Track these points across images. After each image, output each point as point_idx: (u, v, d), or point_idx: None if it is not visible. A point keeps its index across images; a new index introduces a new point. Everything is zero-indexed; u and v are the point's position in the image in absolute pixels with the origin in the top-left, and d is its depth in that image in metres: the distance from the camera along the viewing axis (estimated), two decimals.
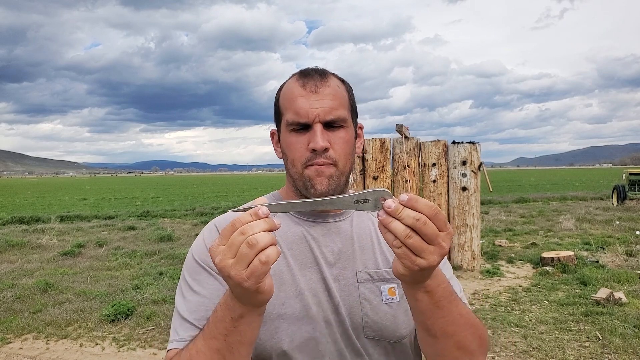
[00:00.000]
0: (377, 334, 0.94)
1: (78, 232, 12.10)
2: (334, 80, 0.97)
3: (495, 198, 19.35)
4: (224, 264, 0.67)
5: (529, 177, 54.43)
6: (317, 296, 0.95)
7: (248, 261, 0.65)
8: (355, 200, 0.69)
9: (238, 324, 0.75)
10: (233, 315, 0.74)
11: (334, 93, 0.94)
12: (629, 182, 16.17)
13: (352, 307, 0.95)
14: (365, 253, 1.00)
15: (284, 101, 0.97)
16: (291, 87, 0.96)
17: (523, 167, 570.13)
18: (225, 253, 0.67)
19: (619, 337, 4.32)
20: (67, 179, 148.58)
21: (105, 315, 5.18)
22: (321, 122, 0.92)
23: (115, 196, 31.23)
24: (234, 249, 0.66)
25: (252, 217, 0.67)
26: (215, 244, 0.69)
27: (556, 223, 11.87)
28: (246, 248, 0.65)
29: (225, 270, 0.67)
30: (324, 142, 0.90)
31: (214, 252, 0.68)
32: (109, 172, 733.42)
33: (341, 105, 0.95)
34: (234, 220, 0.67)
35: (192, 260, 0.98)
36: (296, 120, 0.93)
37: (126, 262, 8.16)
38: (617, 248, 8.04)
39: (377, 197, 0.68)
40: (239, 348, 0.77)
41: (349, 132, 0.97)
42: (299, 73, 0.98)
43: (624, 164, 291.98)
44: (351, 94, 1.01)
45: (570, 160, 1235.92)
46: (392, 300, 0.96)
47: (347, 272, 0.97)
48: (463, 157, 6.95)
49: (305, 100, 0.92)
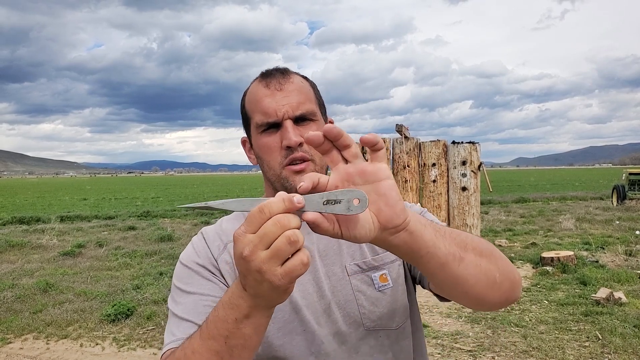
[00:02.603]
0: (377, 324, 0.93)
1: (78, 232, 12.10)
2: (296, 77, 0.97)
3: (495, 198, 19.34)
4: (254, 257, 0.57)
5: (529, 177, 54.42)
6: (306, 298, 0.93)
7: (285, 258, 0.57)
8: (324, 200, 0.61)
9: (242, 326, 0.66)
10: (238, 315, 0.65)
11: (298, 88, 0.94)
12: (628, 182, 16.17)
13: (347, 302, 0.94)
14: (351, 245, 0.98)
15: (250, 105, 0.96)
16: (255, 90, 0.95)
17: (523, 167, 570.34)
18: (257, 244, 0.57)
19: (618, 336, 4.33)
20: (67, 179, 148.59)
21: (105, 315, 5.18)
22: (291, 118, 0.91)
23: (116, 196, 31.23)
24: (268, 240, 0.57)
25: (285, 204, 0.57)
26: (241, 230, 0.59)
27: (556, 223, 11.87)
28: (285, 243, 0.56)
29: (253, 264, 0.58)
30: (297, 137, 0.89)
31: (241, 240, 0.58)
32: (109, 172, 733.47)
33: (308, 100, 0.94)
34: (262, 206, 0.58)
35: (180, 267, 0.96)
36: (265, 121, 0.92)
37: (126, 262, 8.17)
38: (617, 248, 8.04)
39: (349, 198, 0.60)
40: (240, 353, 0.68)
41: (320, 125, 0.95)
42: (260, 75, 0.98)
43: (623, 164, 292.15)
44: (316, 89, 1.01)
45: (569, 160, 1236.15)
46: (385, 287, 0.95)
47: (336, 267, 0.96)
48: (463, 157, 6.96)
49: (271, 99, 0.91)
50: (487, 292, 0.75)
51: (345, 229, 0.62)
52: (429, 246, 0.67)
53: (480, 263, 0.73)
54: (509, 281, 0.78)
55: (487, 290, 0.75)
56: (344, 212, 0.60)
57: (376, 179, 0.62)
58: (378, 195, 0.62)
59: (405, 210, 0.63)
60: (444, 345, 4.38)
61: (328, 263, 0.96)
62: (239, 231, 0.59)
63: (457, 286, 0.73)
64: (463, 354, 4.19)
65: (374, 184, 0.62)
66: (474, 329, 4.77)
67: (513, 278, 0.79)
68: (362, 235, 0.62)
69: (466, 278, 0.72)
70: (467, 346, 4.36)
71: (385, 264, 0.98)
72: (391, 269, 0.98)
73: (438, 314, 5.24)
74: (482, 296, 0.75)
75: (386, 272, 0.97)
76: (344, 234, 0.62)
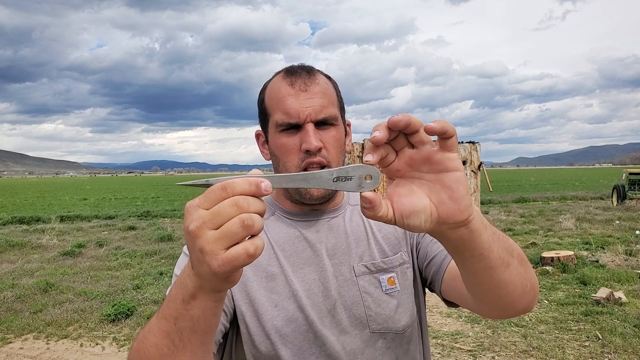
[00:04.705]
0: (383, 327, 0.93)
1: (78, 232, 12.11)
2: (322, 78, 0.94)
3: (495, 198, 19.35)
4: (200, 233, 0.52)
5: (529, 177, 54.42)
6: (311, 297, 0.92)
7: (232, 242, 0.52)
8: (335, 177, 0.57)
9: (189, 308, 0.60)
10: (184, 295, 0.60)
11: (323, 91, 0.92)
12: (628, 182, 16.18)
13: (354, 302, 0.93)
14: (360, 245, 0.97)
15: (271, 101, 0.94)
16: (278, 86, 0.93)
17: (523, 167, 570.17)
18: (206, 221, 0.52)
19: (618, 336, 4.33)
20: (68, 179, 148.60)
21: (105, 315, 5.18)
22: (313, 121, 0.89)
23: (116, 196, 31.23)
24: (220, 220, 0.51)
25: (250, 187, 0.52)
26: (195, 203, 0.54)
27: (556, 223, 11.87)
28: (238, 226, 0.51)
29: (198, 241, 0.52)
30: (317, 142, 0.88)
31: (191, 213, 0.53)
32: (110, 172, 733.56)
33: (331, 103, 0.92)
34: (225, 184, 0.52)
35: (182, 256, 0.94)
36: (286, 121, 0.90)
37: (126, 262, 8.17)
38: (617, 248, 8.04)
39: (361, 175, 0.57)
40: (190, 337, 0.62)
41: (340, 130, 0.94)
42: (285, 71, 0.95)
43: (623, 164, 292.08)
44: (338, 90, 0.99)
45: (570, 160, 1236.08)
46: (392, 290, 0.94)
47: (344, 267, 0.95)
48: (463, 157, 6.96)
49: (295, 99, 0.89)
50: (518, 299, 0.73)
51: (399, 215, 0.57)
52: (484, 248, 0.63)
53: (521, 271, 0.71)
54: (534, 290, 0.77)
55: (519, 297, 0.73)
56: (354, 189, 0.57)
57: (443, 168, 0.56)
58: (443, 187, 0.56)
59: (470, 206, 0.58)
60: (444, 345, 4.38)
61: (336, 263, 0.95)
62: (192, 203, 0.54)
63: (496, 290, 0.70)
64: (463, 354, 4.19)
65: (439, 174, 0.56)
66: (474, 329, 4.77)
67: (537, 287, 0.79)
68: (415, 225, 0.57)
69: (507, 284, 0.69)
70: (467, 346, 4.36)
71: (394, 266, 0.97)
72: (400, 273, 0.97)
73: (438, 314, 5.24)
74: (513, 303, 0.74)
75: (394, 275, 0.96)
76: (397, 220, 0.57)
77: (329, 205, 1.01)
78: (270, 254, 0.95)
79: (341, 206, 1.02)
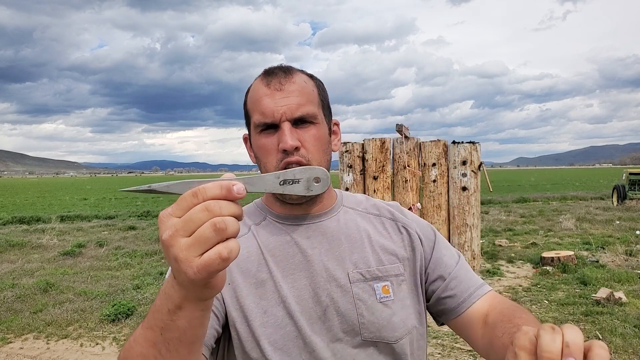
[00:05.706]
0: (375, 335, 0.91)
1: (78, 232, 12.10)
2: (299, 76, 0.93)
3: (495, 198, 19.34)
4: (173, 242, 0.52)
5: (529, 177, 54.40)
6: (300, 303, 0.90)
7: (206, 248, 0.51)
8: (281, 180, 0.56)
9: (175, 318, 0.59)
10: (170, 306, 0.59)
11: (299, 89, 0.90)
12: (629, 182, 16.17)
13: (347, 309, 0.91)
14: (356, 252, 0.95)
15: (251, 103, 0.94)
16: (257, 88, 0.93)
17: (523, 167, 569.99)
18: (179, 229, 0.51)
19: (619, 336, 4.32)
20: (68, 179, 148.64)
21: (105, 315, 5.18)
22: (289, 120, 0.88)
23: (116, 196, 31.23)
24: (192, 226, 0.51)
25: (222, 190, 0.52)
26: (167, 212, 0.53)
27: (556, 223, 11.87)
28: (210, 230, 0.50)
29: (172, 250, 0.52)
30: (293, 141, 0.87)
31: (164, 223, 0.53)
32: (110, 172, 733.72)
33: (309, 101, 0.91)
34: (196, 189, 0.52)
35: None
36: (262, 121, 0.90)
37: (126, 262, 8.17)
38: (617, 248, 8.04)
39: (309, 177, 0.56)
40: (177, 347, 0.61)
41: (321, 128, 0.93)
42: (264, 72, 0.95)
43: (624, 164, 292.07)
44: (321, 89, 0.97)
45: (570, 160, 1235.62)
46: (387, 299, 0.92)
47: (338, 273, 0.92)
48: (463, 157, 6.96)
49: (270, 99, 0.89)
50: None
51: None
52: None
53: None
54: None
55: None
56: (303, 192, 0.56)
57: None
58: None
59: None
60: (444, 345, 4.38)
61: (329, 268, 0.93)
62: (165, 212, 0.54)
63: None
64: (463, 354, 4.19)
65: None
66: None
67: None
68: None
69: None
70: (467, 346, 4.35)
71: (390, 275, 0.95)
72: (395, 283, 0.95)
73: None
74: None
75: (389, 284, 0.94)
76: None
77: (320, 207, 0.99)
78: (260, 259, 0.93)
79: (334, 208, 1.00)
